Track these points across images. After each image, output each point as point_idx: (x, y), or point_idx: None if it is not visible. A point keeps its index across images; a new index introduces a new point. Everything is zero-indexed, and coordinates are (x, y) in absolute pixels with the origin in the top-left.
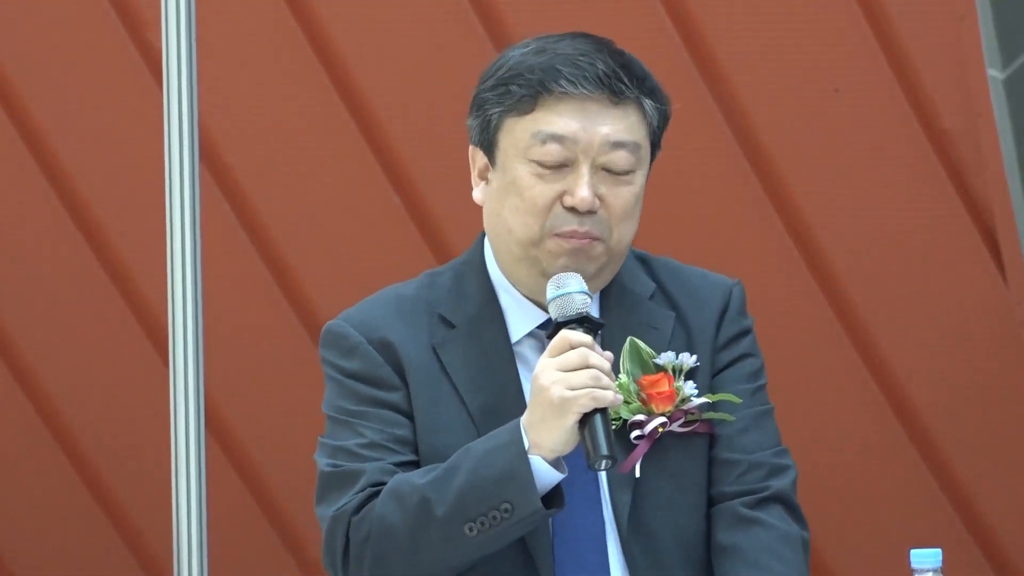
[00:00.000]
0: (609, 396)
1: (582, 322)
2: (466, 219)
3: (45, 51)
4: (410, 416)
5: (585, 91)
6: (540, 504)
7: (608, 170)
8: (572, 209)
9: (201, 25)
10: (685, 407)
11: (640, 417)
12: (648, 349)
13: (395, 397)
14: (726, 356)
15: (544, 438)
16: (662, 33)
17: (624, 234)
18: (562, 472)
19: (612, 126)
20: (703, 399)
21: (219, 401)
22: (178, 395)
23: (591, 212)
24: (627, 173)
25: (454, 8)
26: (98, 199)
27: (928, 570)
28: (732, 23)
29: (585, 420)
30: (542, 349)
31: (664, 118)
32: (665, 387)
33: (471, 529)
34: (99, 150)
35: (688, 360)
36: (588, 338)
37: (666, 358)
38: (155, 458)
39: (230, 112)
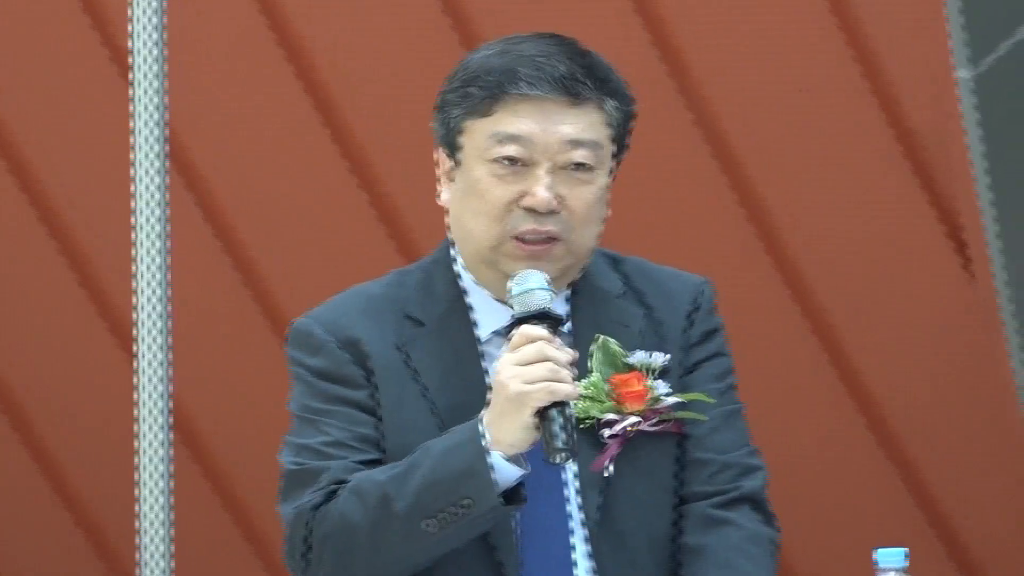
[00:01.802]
0: (565, 388)
1: (542, 318)
2: (433, 218)
3: (14, 51)
4: (376, 415)
5: (543, 92)
6: (498, 500)
7: (568, 169)
8: (531, 209)
9: (170, 25)
10: (657, 406)
11: (612, 416)
12: (619, 348)
13: (361, 395)
14: (696, 355)
15: (503, 433)
16: (631, 33)
17: (586, 235)
18: (523, 469)
19: (571, 126)
20: (675, 398)
21: (185, 401)
22: (144, 394)
23: (551, 212)
24: (587, 171)
25: (424, 9)
26: (66, 199)
27: (893, 569)
28: (701, 23)
29: (543, 414)
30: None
31: (627, 118)
32: (637, 386)
33: (430, 525)
34: (68, 150)
35: (659, 359)
36: (546, 332)
37: (637, 357)
38: (121, 457)
39: (198, 112)
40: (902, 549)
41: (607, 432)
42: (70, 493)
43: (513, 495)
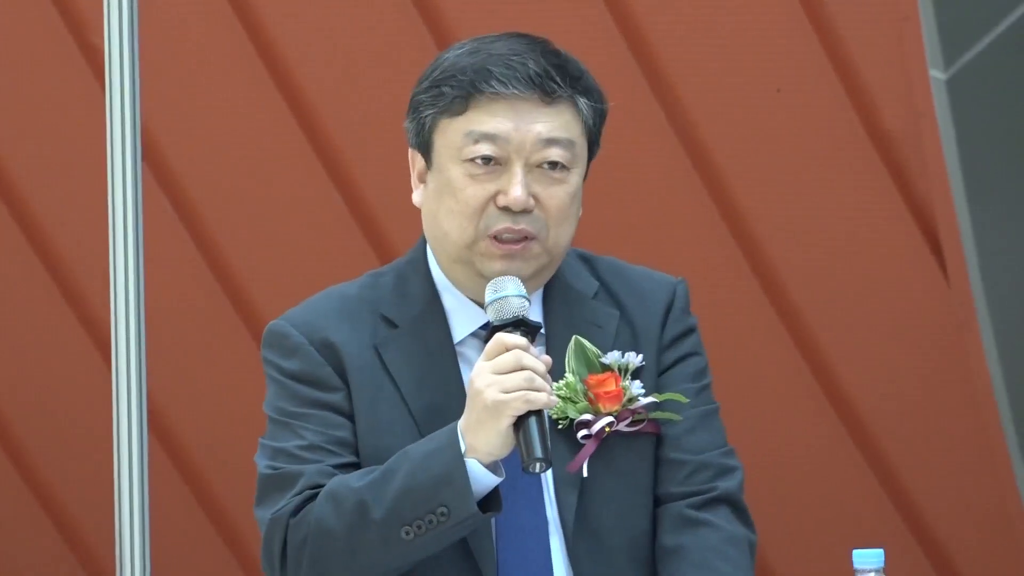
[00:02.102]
0: (543, 398)
1: (518, 325)
2: (408, 219)
3: None
4: (351, 417)
5: (516, 91)
6: (476, 508)
7: (542, 168)
8: (506, 208)
9: (143, 26)
10: (632, 407)
11: (587, 417)
12: (594, 348)
13: (336, 398)
14: (671, 355)
15: (480, 441)
16: (605, 34)
17: (561, 234)
18: (499, 476)
19: (545, 124)
20: (650, 398)
21: (162, 402)
22: (121, 396)
23: (526, 211)
24: (562, 170)
25: (398, 9)
26: (41, 201)
27: (870, 570)
28: (675, 24)
29: (520, 423)
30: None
31: (600, 116)
32: (612, 386)
33: (407, 532)
34: (42, 152)
35: (634, 359)
36: (523, 340)
37: (612, 357)
38: (98, 459)
39: (173, 113)
40: (879, 550)
41: (582, 433)
42: (48, 494)
43: (490, 501)
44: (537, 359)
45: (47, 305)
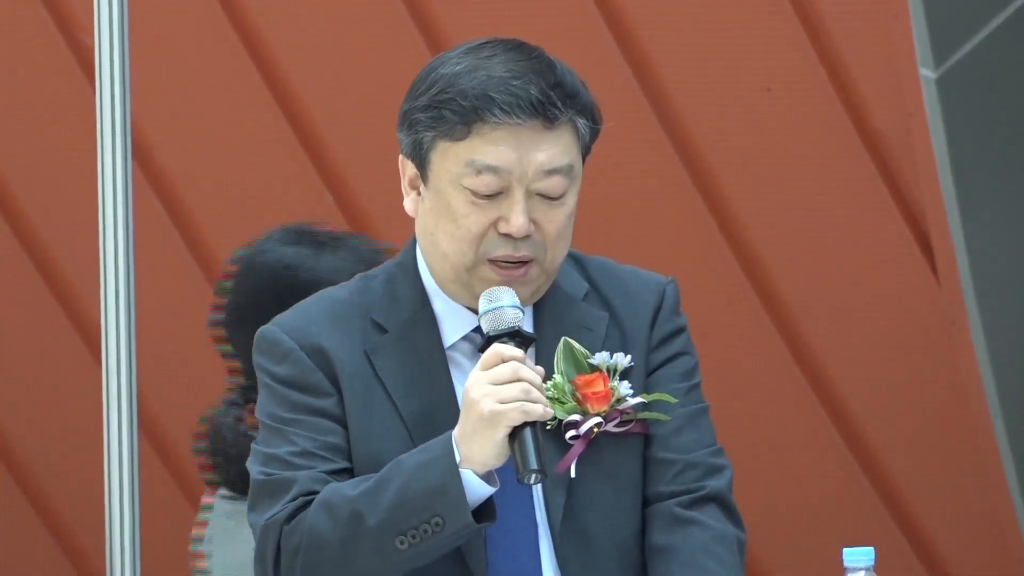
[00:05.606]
0: (539, 410)
1: (514, 336)
2: (399, 220)
3: None
4: (343, 423)
5: (519, 120)
6: (471, 518)
7: (543, 195)
8: (507, 235)
9: (134, 26)
10: (620, 407)
11: (575, 417)
12: (582, 349)
13: (327, 404)
14: (660, 355)
15: (475, 452)
16: (594, 33)
17: (558, 253)
18: (494, 486)
19: (546, 152)
20: (638, 399)
21: (151, 400)
22: (110, 393)
23: (526, 236)
24: (561, 196)
25: (388, 9)
26: (30, 200)
27: (861, 568)
28: (664, 22)
29: (515, 434)
30: (476, 354)
31: (595, 134)
32: (600, 387)
33: (402, 542)
34: (32, 151)
35: (622, 360)
36: (519, 352)
37: (600, 358)
38: (87, 457)
39: (163, 113)
40: (869, 548)
41: (571, 433)
42: (38, 493)
43: (484, 510)
44: (533, 371)
45: (37, 304)
